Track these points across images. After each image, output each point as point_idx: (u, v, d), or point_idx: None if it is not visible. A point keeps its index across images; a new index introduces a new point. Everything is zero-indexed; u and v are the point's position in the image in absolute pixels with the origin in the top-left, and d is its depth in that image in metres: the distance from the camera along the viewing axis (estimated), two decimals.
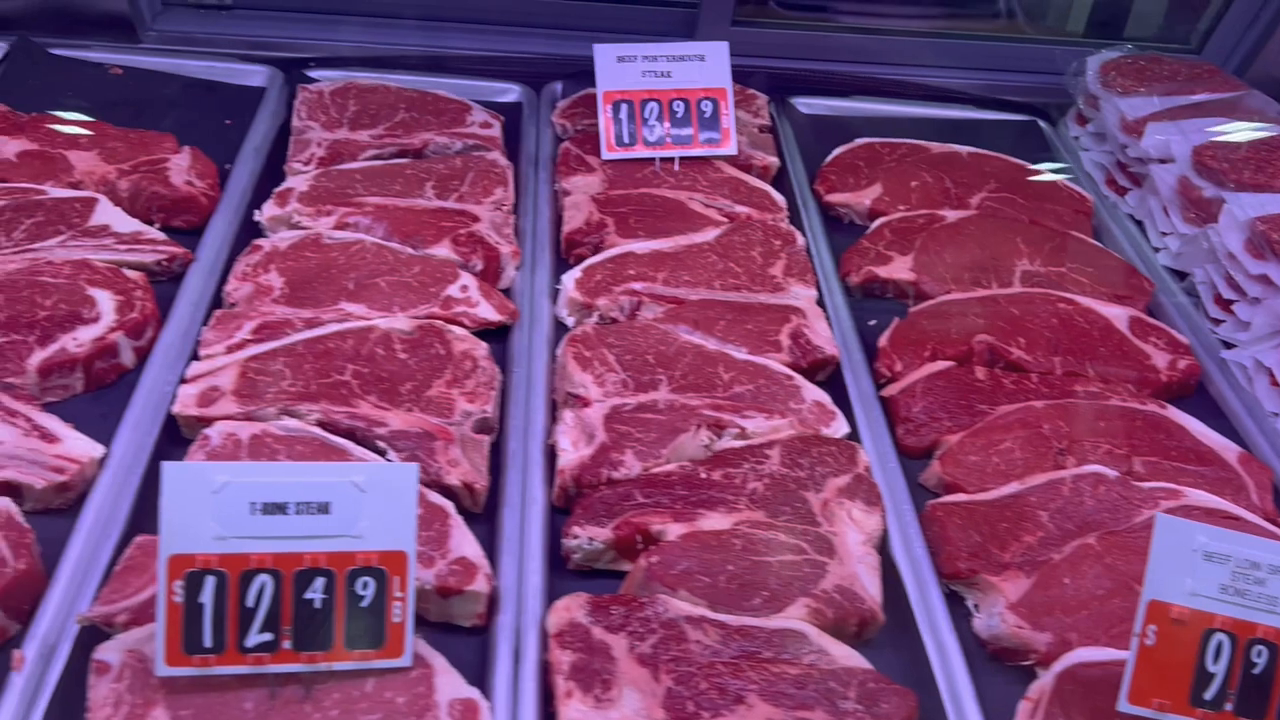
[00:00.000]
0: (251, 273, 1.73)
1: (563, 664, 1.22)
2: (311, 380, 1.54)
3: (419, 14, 2.53)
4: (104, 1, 2.31)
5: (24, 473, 1.36)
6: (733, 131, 2.15)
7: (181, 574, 1.14)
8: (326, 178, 1.96)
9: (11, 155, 1.88)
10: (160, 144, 1.97)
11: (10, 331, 1.55)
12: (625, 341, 1.68)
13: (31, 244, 1.72)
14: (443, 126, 2.16)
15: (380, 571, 1.19)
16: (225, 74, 2.32)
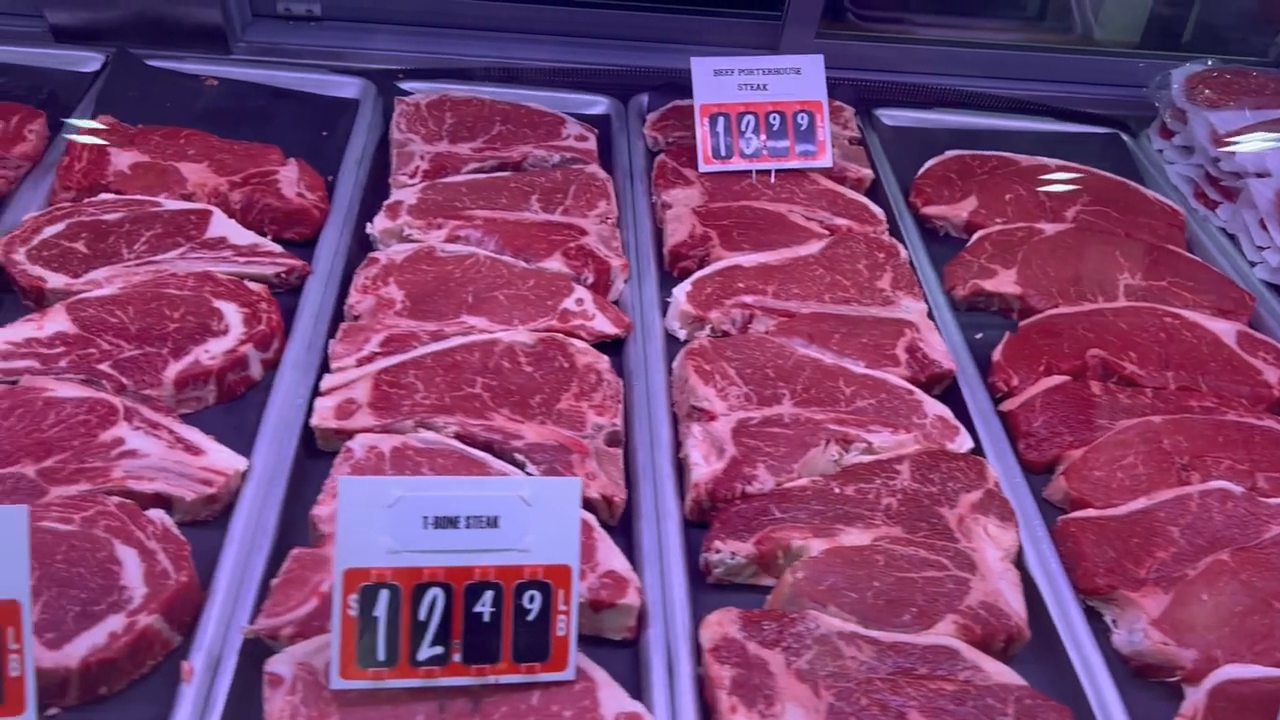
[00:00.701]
0: (371, 285, 1.74)
1: (724, 679, 1.23)
2: (444, 393, 1.55)
3: (502, 26, 2.54)
4: (198, 13, 2.32)
5: (173, 485, 1.38)
6: (829, 144, 2.16)
7: (356, 587, 1.15)
8: (433, 190, 1.98)
9: (124, 167, 1.90)
10: (267, 156, 1.98)
11: (144, 344, 1.56)
12: (743, 355, 1.69)
13: (153, 256, 1.73)
14: (539, 139, 2.17)
15: (546, 585, 1.20)
16: (318, 85, 2.33)
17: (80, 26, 2.31)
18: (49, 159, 1.97)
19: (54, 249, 1.71)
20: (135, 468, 1.39)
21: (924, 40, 2.72)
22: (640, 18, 2.59)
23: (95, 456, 1.39)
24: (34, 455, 1.38)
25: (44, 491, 1.34)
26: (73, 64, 2.28)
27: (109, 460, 1.39)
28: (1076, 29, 2.88)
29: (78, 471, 1.37)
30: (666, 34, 2.58)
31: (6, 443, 1.39)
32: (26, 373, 1.50)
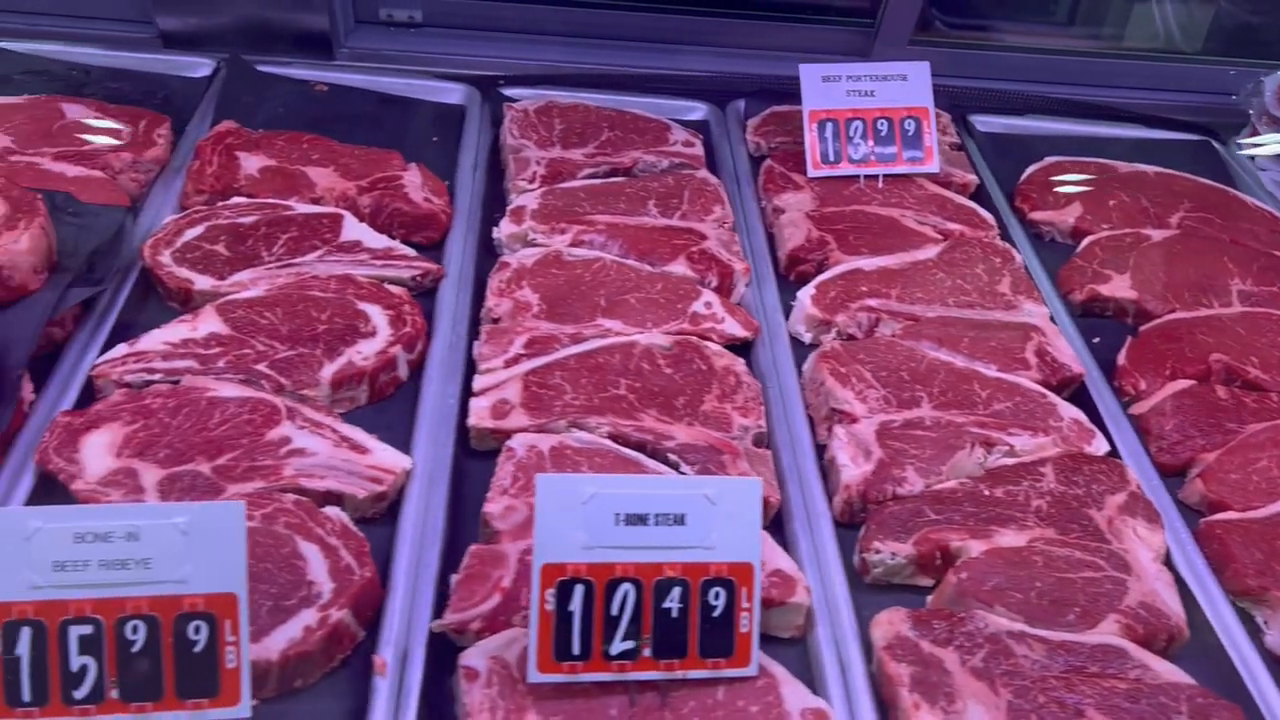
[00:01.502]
0: (506, 289, 1.77)
1: (903, 676, 1.25)
2: (592, 394, 1.58)
3: (597, 33, 2.58)
4: (305, 19, 2.36)
5: (344, 483, 1.41)
6: (936, 149, 2.18)
7: (553, 582, 1.17)
8: (552, 196, 2.00)
9: (254, 171, 1.93)
10: (389, 161, 2.01)
11: (296, 345, 1.59)
12: (876, 358, 1.71)
13: (292, 259, 1.76)
14: (647, 145, 2.20)
15: (730, 582, 1.22)
16: (423, 91, 2.36)
17: (189, 33, 2.35)
18: (174, 162, 2.01)
19: (196, 251, 1.74)
20: (305, 466, 1.41)
21: (1010, 47, 2.74)
22: (732, 24, 2.61)
23: (265, 455, 1.42)
24: (206, 453, 1.41)
25: (221, 489, 1.37)
26: (183, 69, 2.31)
27: (279, 459, 1.42)
28: (1159, 36, 2.90)
29: (251, 469, 1.40)
30: (758, 41, 2.61)
31: (179, 441, 1.42)
32: (186, 373, 1.53)
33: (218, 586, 1.10)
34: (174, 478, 1.38)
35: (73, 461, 1.37)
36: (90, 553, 1.08)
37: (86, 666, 1.09)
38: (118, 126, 1.97)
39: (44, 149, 1.89)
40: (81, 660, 1.09)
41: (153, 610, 1.09)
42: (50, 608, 1.08)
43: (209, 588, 1.10)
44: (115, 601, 1.08)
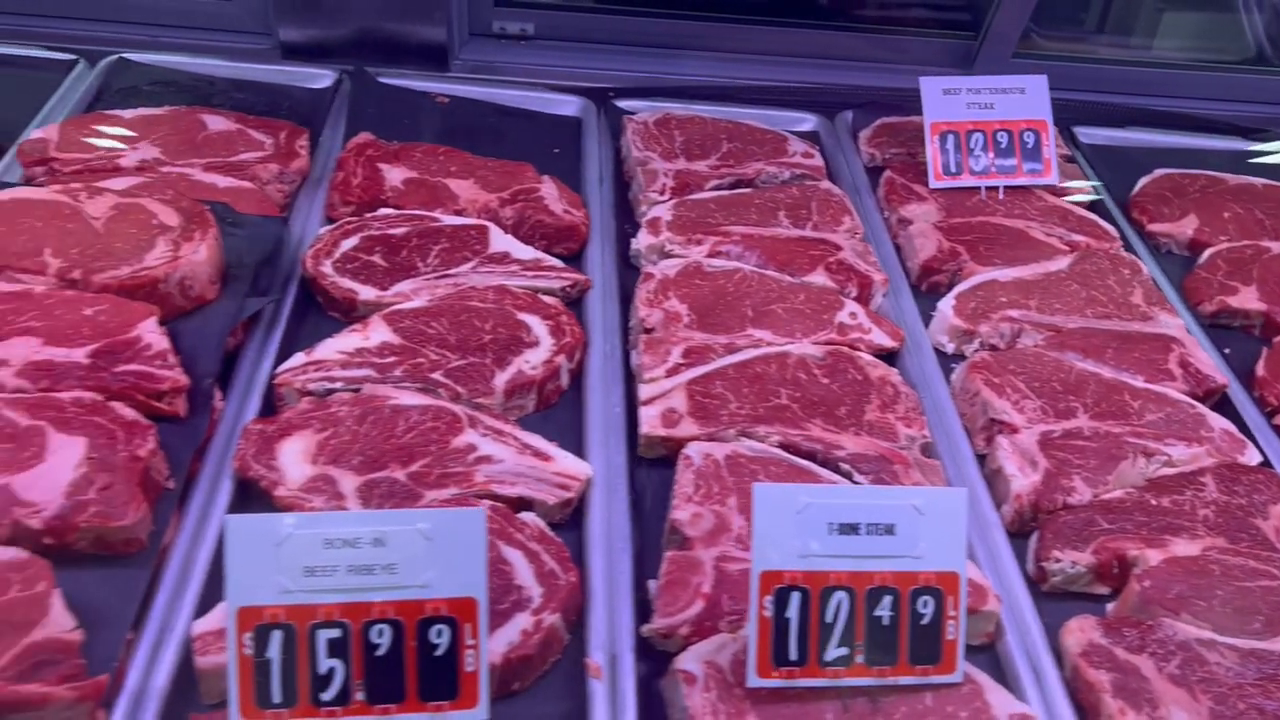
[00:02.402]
0: (655, 299, 1.79)
1: (1104, 683, 1.27)
2: (755, 403, 1.61)
3: (702, 45, 2.61)
4: (424, 31, 2.39)
5: (533, 489, 1.43)
6: (1054, 162, 2.21)
7: (771, 590, 1.20)
8: (684, 207, 2.03)
9: (398, 183, 1.96)
10: (524, 173, 2.04)
11: (466, 354, 1.62)
12: (1026, 369, 1.73)
13: (447, 270, 1.79)
14: (768, 156, 2.23)
15: (937, 591, 1.24)
16: (539, 103, 2.40)
17: (309, 44, 2.39)
18: (313, 173, 2.04)
19: (355, 262, 1.77)
20: (495, 472, 1.44)
21: (1105, 60, 2.76)
22: (835, 36, 2.64)
23: (455, 462, 1.45)
24: (398, 460, 1.44)
25: (418, 495, 1.40)
26: (304, 80, 2.35)
27: (468, 465, 1.45)
28: (1250, 49, 2.92)
29: (444, 476, 1.43)
30: (860, 52, 2.64)
31: (369, 448, 1.45)
32: (365, 381, 1.56)
33: (459, 591, 1.13)
34: (371, 484, 1.41)
35: (272, 469, 1.40)
36: (339, 558, 1.11)
37: (334, 669, 1.12)
38: (260, 138, 2.01)
39: (193, 160, 1.92)
40: (330, 663, 1.11)
41: (398, 614, 1.12)
42: (300, 611, 1.11)
43: (451, 592, 1.12)
44: (362, 606, 1.11)
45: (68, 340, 1.42)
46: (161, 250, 1.58)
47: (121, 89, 2.22)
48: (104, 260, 1.56)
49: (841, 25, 2.67)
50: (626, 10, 2.56)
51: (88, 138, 1.93)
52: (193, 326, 1.56)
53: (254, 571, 1.10)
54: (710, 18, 2.62)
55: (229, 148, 1.97)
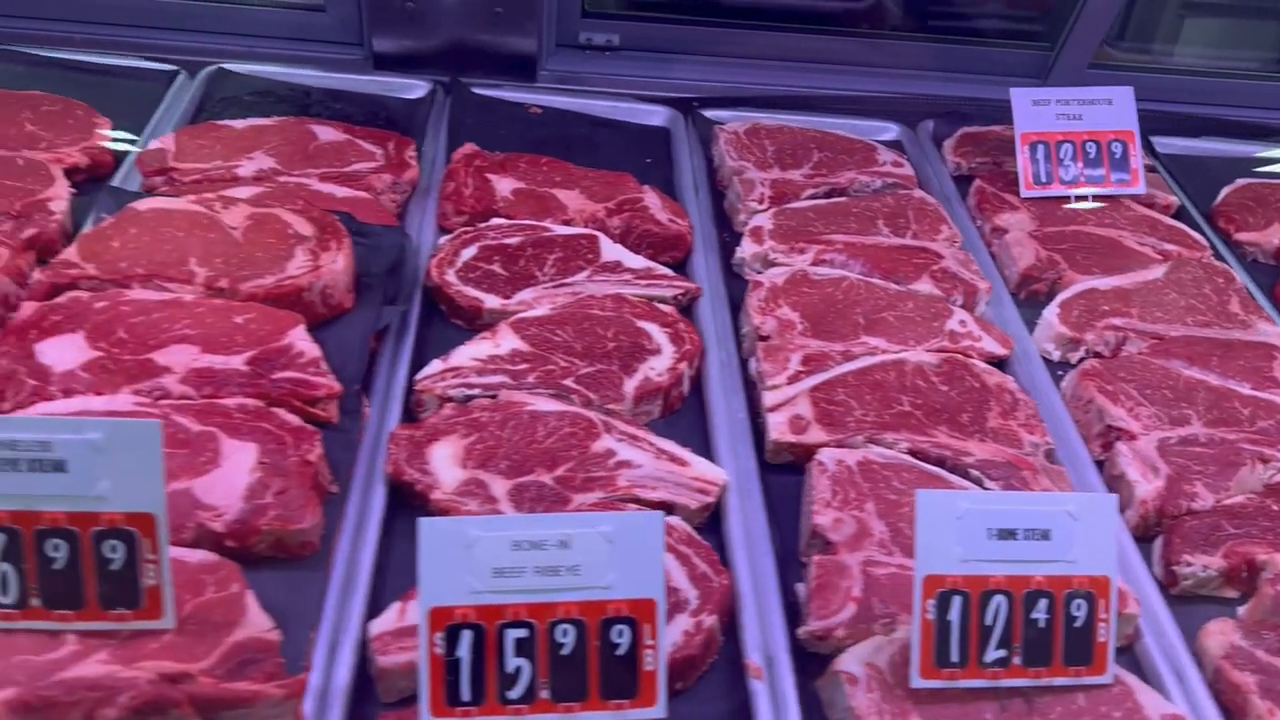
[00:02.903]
0: (767, 307, 1.83)
1: (1249, 684, 1.30)
2: (879, 410, 1.64)
3: (782, 56, 2.64)
4: (515, 42, 2.43)
5: (674, 494, 1.47)
6: (1141, 172, 2.24)
7: (934, 593, 1.23)
8: (784, 216, 2.07)
9: (508, 193, 2.00)
10: (625, 183, 2.08)
11: (594, 361, 1.66)
12: (1136, 376, 1.76)
13: (563, 279, 1.83)
14: (859, 165, 2.26)
15: (1090, 594, 1.27)
16: (627, 113, 2.44)
17: (401, 54, 2.43)
18: (420, 183, 2.08)
19: (476, 271, 1.81)
20: (636, 477, 1.48)
21: (1180, 70, 2.79)
22: (912, 47, 2.68)
23: (596, 466, 1.48)
24: (543, 465, 1.47)
25: (567, 499, 1.43)
26: (398, 90, 2.39)
27: (609, 470, 1.48)
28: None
29: (588, 480, 1.46)
30: (937, 62, 2.67)
31: (513, 453, 1.48)
32: (501, 388, 1.59)
33: (639, 592, 1.16)
34: (520, 488, 1.44)
35: (426, 473, 1.44)
36: (526, 560, 1.15)
37: (521, 668, 1.15)
38: (370, 148, 2.05)
39: (308, 170, 1.96)
40: (516, 662, 1.15)
41: (581, 615, 1.15)
42: (489, 612, 1.14)
43: (632, 593, 1.16)
44: (548, 606, 1.15)
45: (224, 348, 1.46)
46: (301, 260, 1.62)
47: (222, 99, 2.27)
48: (247, 269, 1.60)
49: (918, 36, 2.70)
50: (709, 22, 2.60)
51: (203, 148, 1.97)
52: (334, 334, 1.59)
53: (445, 573, 1.13)
54: (788, 29, 2.66)
55: (341, 158, 2.00)
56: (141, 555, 1.07)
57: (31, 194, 1.80)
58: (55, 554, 1.06)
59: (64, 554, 1.06)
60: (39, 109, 2.03)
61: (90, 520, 1.06)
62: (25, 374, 1.39)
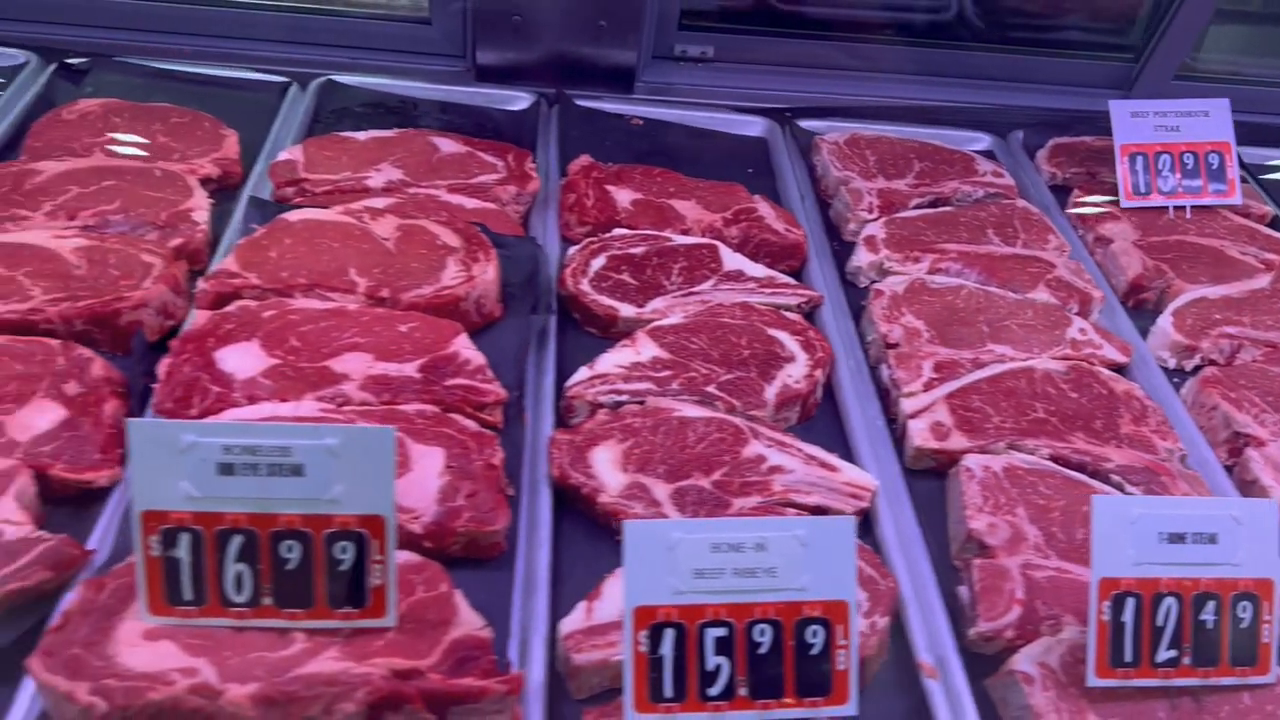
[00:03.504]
0: (891, 315, 1.87)
1: None
2: (1015, 417, 1.68)
3: (870, 66, 2.68)
4: (615, 55, 2.47)
5: (828, 499, 1.51)
6: (1238, 182, 2.28)
7: (1109, 595, 1.27)
8: (894, 225, 2.11)
9: (627, 204, 2.05)
10: (737, 193, 2.12)
11: (732, 368, 1.70)
12: (1256, 383, 1.80)
13: (691, 287, 1.87)
14: (960, 175, 2.30)
15: (1255, 597, 1.31)
16: (725, 124, 2.48)
17: (503, 66, 2.47)
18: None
19: (607, 280, 1.85)
20: (789, 482, 1.52)
21: (1264, 81, 2.83)
22: (999, 58, 2.72)
23: (750, 471, 1.52)
24: (700, 469, 1.51)
25: (727, 504, 1.47)
26: (502, 102, 2.43)
27: (763, 475, 1.52)
28: None
29: (745, 485, 1.50)
30: (1026, 74, 2.71)
31: (669, 457, 1.52)
32: (647, 394, 1.63)
33: (833, 594, 1.20)
34: (681, 491, 1.48)
35: (591, 477, 1.48)
36: (725, 561, 1.19)
37: (720, 666, 1.19)
38: (491, 160, 2.09)
39: (436, 181, 2.00)
40: (716, 660, 1.19)
41: (778, 615, 1.19)
42: (690, 611, 1.18)
43: (825, 595, 1.20)
44: (746, 607, 1.19)
45: (395, 355, 1.51)
46: (454, 270, 1.67)
47: (334, 110, 2.31)
48: (405, 279, 1.64)
49: (1004, 48, 2.73)
50: (799, 34, 2.64)
51: (330, 159, 2.02)
52: (490, 342, 1.63)
53: (650, 574, 1.17)
54: (873, 40, 2.71)
55: (465, 170, 2.05)
56: (369, 556, 1.12)
57: (174, 205, 1.84)
58: (289, 555, 1.10)
59: (297, 555, 1.11)
60: (168, 120, 2.08)
61: (324, 522, 1.10)
62: (209, 381, 1.43)
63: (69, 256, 1.69)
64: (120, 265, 1.68)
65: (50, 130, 2.01)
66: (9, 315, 1.57)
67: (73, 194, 1.83)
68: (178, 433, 1.06)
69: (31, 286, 1.63)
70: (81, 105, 2.07)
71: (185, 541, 1.09)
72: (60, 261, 1.68)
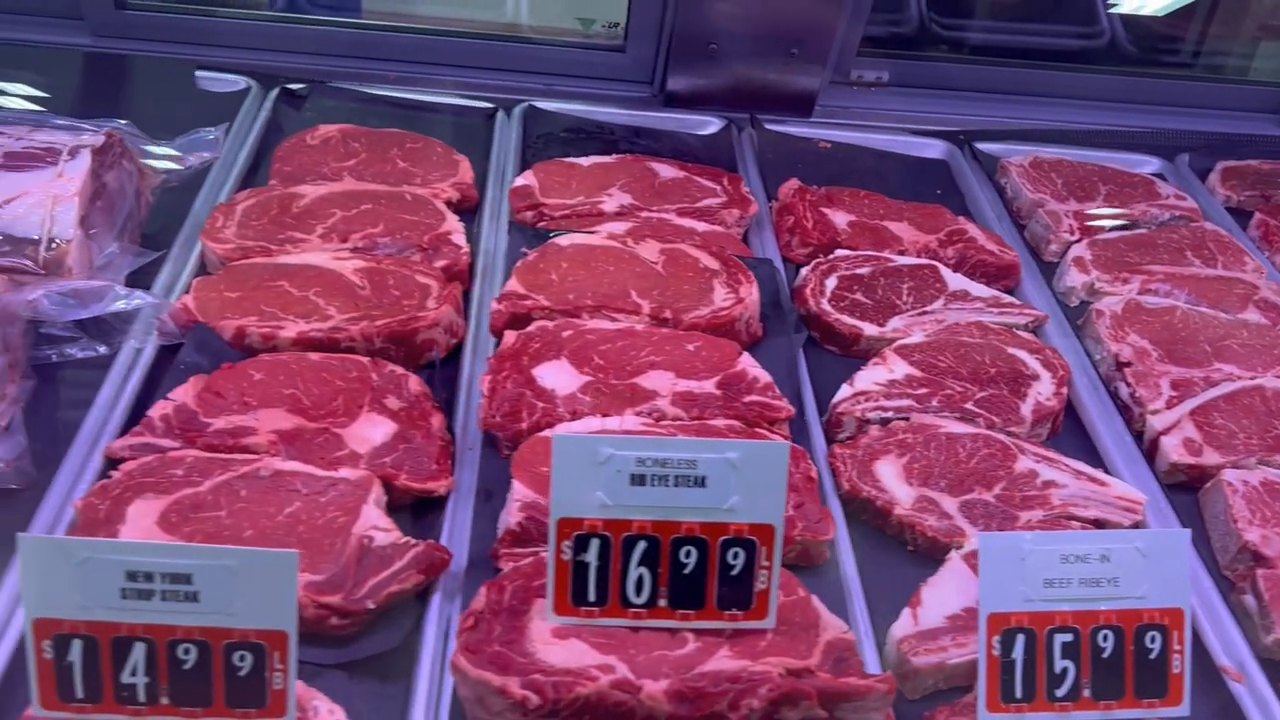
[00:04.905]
0: (1117, 335, 1.94)
1: None
2: (1261, 433, 1.74)
3: (1035, 91, 2.76)
4: (801, 80, 2.55)
5: (1105, 512, 1.58)
6: None
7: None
8: (1097, 247, 2.18)
9: (845, 225, 2.13)
10: (942, 214, 2.21)
11: (984, 385, 1.77)
12: None
13: (923, 307, 1.95)
14: (1145, 198, 2.37)
15: None
16: (905, 146, 2.56)
17: (691, 92, 2.56)
18: None
19: (843, 300, 1.93)
20: (1066, 496, 1.59)
21: None
22: (1157, 83, 2.79)
23: (1026, 486, 1.60)
24: (979, 483, 1.59)
25: (1013, 517, 1.55)
26: (693, 127, 2.52)
27: (1039, 489, 1.60)
28: None
29: (1025, 499, 1.58)
30: (1187, 98, 2.78)
31: (946, 472, 1.60)
32: (909, 410, 1.71)
33: (1169, 602, 1.27)
34: (967, 504, 1.56)
35: (881, 490, 1.56)
36: (1073, 572, 1.26)
37: (1066, 669, 1.26)
38: (708, 184, 2.18)
39: (664, 206, 2.09)
40: (1063, 663, 1.26)
41: (1119, 622, 1.27)
42: (1040, 618, 1.26)
43: (1162, 603, 1.27)
44: (1091, 614, 1.26)
45: (692, 373, 1.59)
46: (722, 292, 1.76)
47: (541, 136, 2.40)
48: (682, 301, 1.73)
49: (1162, 72, 2.82)
50: (972, 60, 2.73)
51: (559, 184, 2.11)
52: (766, 358, 1.71)
53: (1003, 583, 1.25)
54: (1035, 65, 2.79)
55: (687, 194, 2.14)
56: (758, 562, 1.20)
57: (431, 227, 1.94)
58: (686, 560, 1.19)
59: (694, 560, 1.19)
60: (404, 146, 2.18)
61: (720, 530, 1.18)
62: (532, 396, 1.52)
63: (352, 277, 1.79)
64: (399, 286, 1.78)
65: (296, 155, 2.12)
66: (314, 333, 1.67)
67: (338, 217, 1.93)
68: (596, 446, 1.15)
69: (326, 306, 1.73)
70: (322, 131, 2.18)
71: (595, 546, 1.18)
72: (345, 282, 1.78)
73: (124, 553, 1.04)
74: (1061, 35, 2.98)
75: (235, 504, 1.38)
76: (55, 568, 1.03)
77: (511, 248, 1.90)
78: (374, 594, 1.29)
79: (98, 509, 1.35)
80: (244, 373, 1.57)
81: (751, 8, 2.41)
